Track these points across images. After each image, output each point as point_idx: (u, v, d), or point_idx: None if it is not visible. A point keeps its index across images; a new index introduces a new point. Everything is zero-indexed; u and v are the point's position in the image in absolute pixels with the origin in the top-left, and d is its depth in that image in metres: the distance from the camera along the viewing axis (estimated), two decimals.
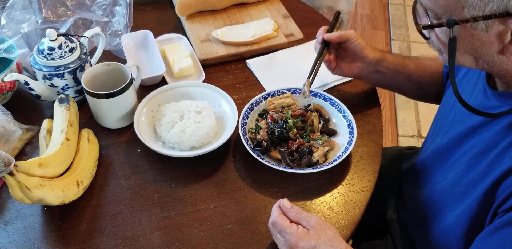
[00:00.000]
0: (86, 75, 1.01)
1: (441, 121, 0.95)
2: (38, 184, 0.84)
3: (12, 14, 1.13)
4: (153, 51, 1.20)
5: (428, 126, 1.06)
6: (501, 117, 0.76)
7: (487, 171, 0.76)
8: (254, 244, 0.88)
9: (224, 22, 1.31)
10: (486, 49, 0.70)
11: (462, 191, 0.81)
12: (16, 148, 1.01)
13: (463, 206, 0.80)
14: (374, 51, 1.04)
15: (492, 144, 0.77)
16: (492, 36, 0.67)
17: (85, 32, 1.10)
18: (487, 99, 0.80)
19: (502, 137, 0.75)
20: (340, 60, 1.07)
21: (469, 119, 0.83)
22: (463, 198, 0.80)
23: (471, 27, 0.67)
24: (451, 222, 0.83)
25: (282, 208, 0.81)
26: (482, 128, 0.80)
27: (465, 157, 0.83)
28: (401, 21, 2.89)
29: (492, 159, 0.76)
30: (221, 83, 1.16)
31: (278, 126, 1.01)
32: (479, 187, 0.76)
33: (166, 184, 0.97)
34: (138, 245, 0.88)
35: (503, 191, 0.72)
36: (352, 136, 1.01)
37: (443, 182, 0.87)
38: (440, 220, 0.86)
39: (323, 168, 0.96)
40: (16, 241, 0.88)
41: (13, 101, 1.11)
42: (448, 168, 0.87)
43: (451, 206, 0.84)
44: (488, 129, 0.79)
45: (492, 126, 0.78)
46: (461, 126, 0.85)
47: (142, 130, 1.02)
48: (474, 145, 0.81)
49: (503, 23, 0.65)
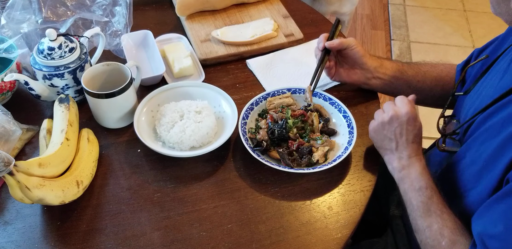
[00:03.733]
0: (86, 75, 1.01)
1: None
2: (38, 184, 0.84)
3: (12, 14, 1.13)
4: (153, 51, 1.20)
5: (428, 125, 1.06)
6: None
7: (504, 146, 0.75)
8: (254, 244, 0.88)
9: (224, 22, 1.31)
10: None
11: (480, 168, 0.81)
12: (16, 148, 1.01)
13: (484, 183, 0.79)
14: (372, 58, 1.08)
15: (508, 122, 0.77)
16: None
17: (85, 32, 1.10)
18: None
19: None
20: (339, 66, 1.10)
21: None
22: (481, 175, 0.80)
23: None
24: (471, 201, 0.82)
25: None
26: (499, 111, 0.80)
27: (482, 136, 0.83)
28: (401, 21, 2.89)
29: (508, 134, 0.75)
30: (221, 83, 1.16)
31: (278, 125, 1.01)
32: (500, 162, 0.75)
33: (166, 184, 0.97)
34: (138, 245, 0.88)
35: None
36: (352, 135, 1.01)
37: (461, 162, 0.87)
38: (457, 202, 0.85)
39: (323, 168, 0.96)
40: (16, 241, 0.88)
41: (13, 101, 1.11)
42: (464, 148, 0.88)
43: (470, 185, 0.83)
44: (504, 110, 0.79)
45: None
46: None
47: (142, 129, 1.02)
48: (490, 125, 0.82)
49: None
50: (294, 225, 0.91)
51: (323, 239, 0.90)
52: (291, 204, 0.95)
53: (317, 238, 0.90)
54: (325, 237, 0.90)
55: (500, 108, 0.81)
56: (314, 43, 1.27)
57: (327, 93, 1.09)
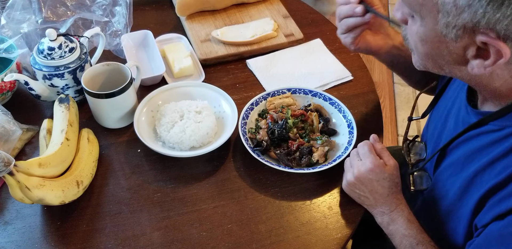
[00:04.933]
0: (86, 75, 1.01)
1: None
2: (38, 184, 0.84)
3: (12, 14, 1.13)
4: (153, 51, 1.20)
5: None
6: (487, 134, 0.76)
7: (468, 187, 0.76)
8: (254, 244, 0.88)
9: (224, 22, 1.30)
10: (451, 58, 0.69)
11: (449, 204, 0.82)
12: (16, 148, 1.01)
13: (454, 222, 0.80)
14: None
15: (471, 159, 0.77)
16: (460, 48, 0.66)
17: (85, 32, 1.10)
18: (468, 115, 0.80)
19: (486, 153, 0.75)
20: (365, 33, 1.00)
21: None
22: (451, 212, 0.81)
23: (441, 34, 0.66)
24: (450, 234, 0.82)
25: (371, 139, 0.92)
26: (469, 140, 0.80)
27: (448, 171, 0.83)
28: None
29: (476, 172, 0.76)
30: (221, 83, 1.16)
31: (278, 125, 1.01)
32: (465, 204, 0.77)
33: (166, 184, 0.97)
34: (138, 245, 0.88)
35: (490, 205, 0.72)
36: (352, 135, 1.01)
37: (432, 197, 0.88)
38: (440, 233, 0.86)
39: (323, 168, 0.96)
40: (16, 241, 0.88)
41: (13, 101, 1.11)
42: (433, 182, 0.89)
43: (444, 219, 0.84)
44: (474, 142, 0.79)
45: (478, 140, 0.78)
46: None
47: (142, 129, 1.02)
48: (454, 160, 0.82)
49: (471, 36, 0.64)
50: (294, 225, 0.91)
51: (323, 239, 0.90)
52: (291, 204, 0.95)
53: (317, 238, 0.90)
54: (325, 237, 0.90)
55: (462, 144, 0.81)
56: (314, 43, 1.27)
57: (327, 93, 1.09)
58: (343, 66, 1.22)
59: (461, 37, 0.65)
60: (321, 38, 1.29)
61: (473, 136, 0.78)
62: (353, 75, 1.20)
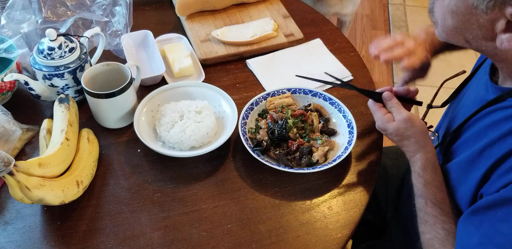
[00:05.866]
0: (86, 75, 1.01)
1: None
2: (38, 184, 0.84)
3: (12, 14, 1.13)
4: (153, 51, 1.20)
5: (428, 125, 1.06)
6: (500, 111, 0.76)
7: (475, 160, 0.76)
8: (254, 244, 0.88)
9: (224, 22, 1.31)
10: (480, 31, 0.69)
11: (456, 178, 0.82)
12: (16, 148, 1.01)
13: (460, 193, 0.80)
14: (426, 51, 1.02)
15: (482, 135, 0.77)
16: (489, 21, 0.67)
17: (85, 32, 1.10)
18: (487, 93, 0.80)
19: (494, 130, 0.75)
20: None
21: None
22: (458, 183, 0.81)
23: (472, 5, 0.67)
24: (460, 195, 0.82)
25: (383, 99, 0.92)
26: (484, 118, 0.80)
27: (460, 148, 0.83)
28: (401, 21, 2.89)
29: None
30: (221, 83, 1.16)
31: (278, 125, 1.01)
32: (472, 176, 0.77)
33: (166, 184, 0.97)
34: (138, 245, 0.88)
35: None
36: (352, 135, 1.01)
37: (455, 160, 0.87)
38: (453, 188, 0.85)
39: (323, 168, 0.96)
40: (16, 241, 0.88)
41: (13, 101, 1.11)
42: (443, 161, 0.88)
43: (451, 190, 0.84)
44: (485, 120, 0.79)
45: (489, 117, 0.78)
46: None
47: (142, 129, 1.02)
48: (466, 138, 0.82)
49: (502, 9, 0.64)
50: (294, 225, 0.91)
51: (323, 239, 0.90)
52: (291, 204, 0.95)
53: (317, 238, 0.90)
54: (325, 237, 0.90)
55: (477, 121, 0.81)
56: (314, 43, 1.27)
57: (327, 93, 1.09)
58: (343, 66, 1.22)
59: (492, 9, 0.65)
60: (321, 38, 1.29)
61: (490, 112, 0.78)
62: (353, 75, 1.20)
